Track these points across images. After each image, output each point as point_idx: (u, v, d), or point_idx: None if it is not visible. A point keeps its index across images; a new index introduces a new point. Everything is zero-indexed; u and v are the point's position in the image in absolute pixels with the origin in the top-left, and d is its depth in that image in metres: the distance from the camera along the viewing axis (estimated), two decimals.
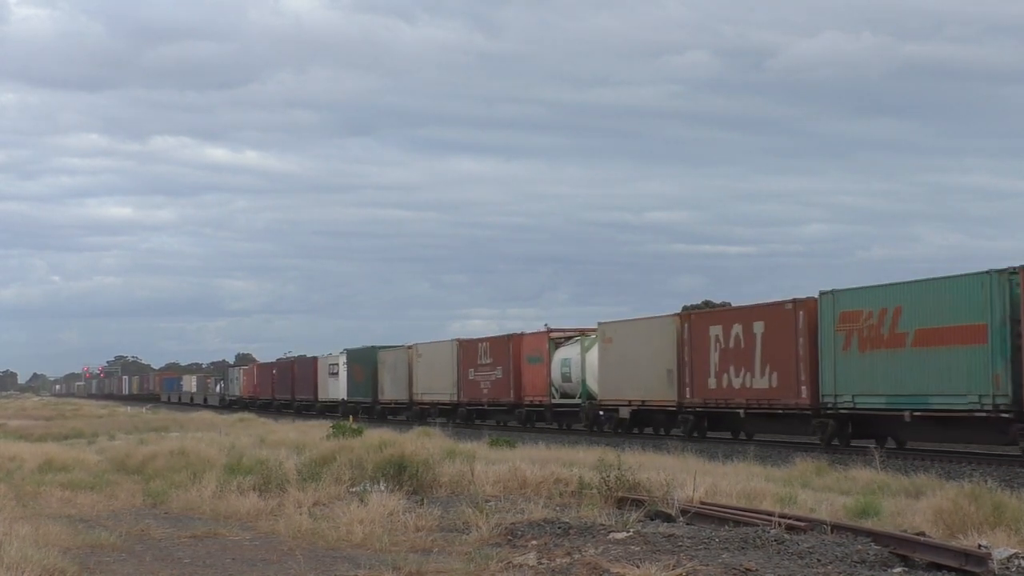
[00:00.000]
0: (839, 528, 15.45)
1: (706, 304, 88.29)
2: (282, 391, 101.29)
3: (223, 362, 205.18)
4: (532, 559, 14.51)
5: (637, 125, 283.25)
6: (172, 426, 58.12)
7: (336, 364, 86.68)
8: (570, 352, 54.65)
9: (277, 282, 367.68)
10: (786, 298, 39.69)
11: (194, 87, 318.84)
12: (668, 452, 31.47)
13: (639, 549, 14.54)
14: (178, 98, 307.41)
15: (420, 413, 69.71)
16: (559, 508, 19.48)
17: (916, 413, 33.78)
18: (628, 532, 15.68)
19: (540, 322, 65.72)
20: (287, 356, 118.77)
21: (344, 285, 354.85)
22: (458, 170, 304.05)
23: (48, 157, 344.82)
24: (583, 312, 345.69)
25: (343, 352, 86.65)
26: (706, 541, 14.82)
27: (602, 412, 50.85)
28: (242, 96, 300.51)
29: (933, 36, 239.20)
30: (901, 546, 14.00)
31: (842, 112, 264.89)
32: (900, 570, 13.36)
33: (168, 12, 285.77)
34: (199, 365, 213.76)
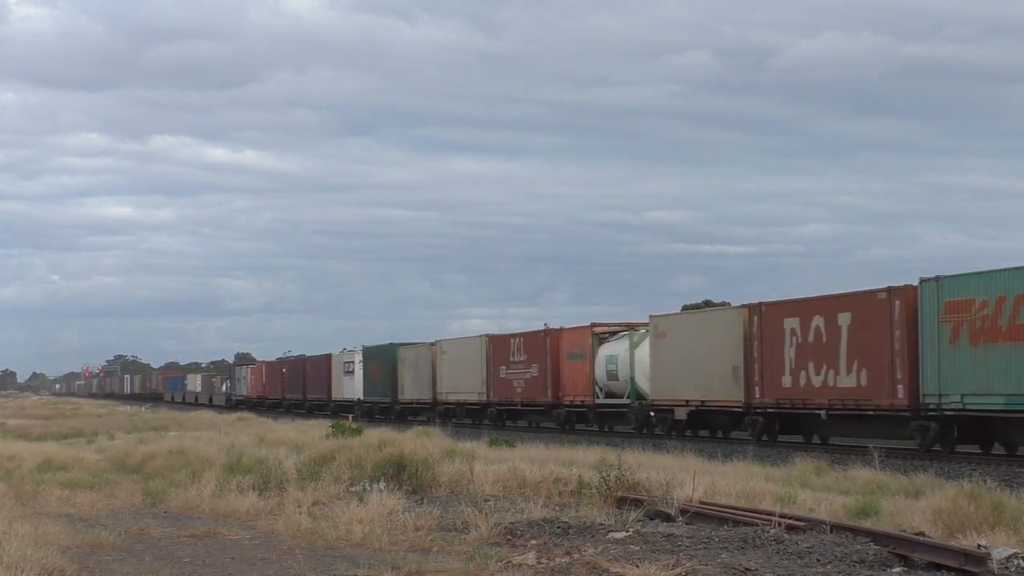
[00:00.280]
0: (838, 528, 15.45)
1: (706, 304, 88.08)
2: (293, 390, 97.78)
3: (223, 362, 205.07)
4: (531, 559, 14.51)
5: (637, 125, 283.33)
6: (171, 425, 58.13)
7: (351, 362, 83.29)
8: (617, 348, 50.48)
9: (277, 282, 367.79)
10: (879, 286, 35.71)
11: (194, 87, 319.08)
12: (667, 452, 31.47)
13: (638, 549, 14.54)
14: (178, 98, 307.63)
15: (444, 413, 66.14)
16: (558, 508, 19.48)
17: None
18: (627, 532, 15.68)
19: (540, 322, 64.08)
20: (287, 355, 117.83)
21: (344, 285, 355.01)
22: (458, 170, 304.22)
23: (48, 157, 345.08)
24: (583, 312, 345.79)
25: (359, 349, 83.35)
26: (705, 541, 14.82)
27: (653, 413, 47.27)
28: (242, 96, 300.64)
29: (933, 36, 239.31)
30: (900, 546, 14.00)
31: (842, 112, 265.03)
32: (899, 570, 13.36)
33: (168, 12, 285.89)
34: (199, 365, 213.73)
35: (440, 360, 68.35)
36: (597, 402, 51.52)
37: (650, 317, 48.03)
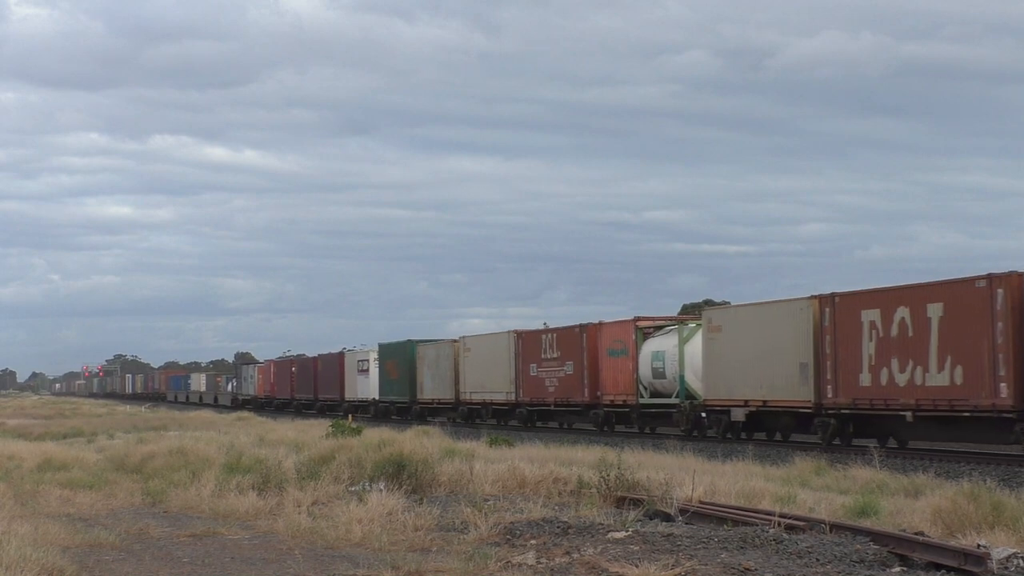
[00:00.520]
0: (838, 527, 15.45)
1: (706, 303, 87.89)
2: (303, 390, 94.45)
3: (223, 361, 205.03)
4: (531, 558, 14.51)
5: (636, 125, 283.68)
6: (171, 425, 58.14)
7: (366, 360, 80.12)
8: (664, 343, 46.74)
9: (276, 281, 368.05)
10: (977, 274, 32.20)
11: (194, 86, 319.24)
12: (667, 451, 31.47)
13: (638, 548, 14.54)
14: (178, 97, 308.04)
15: (468, 414, 63.74)
16: (558, 507, 19.48)
17: None
18: (627, 531, 15.68)
19: (539, 321, 62.03)
20: (287, 355, 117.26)
21: (343, 284, 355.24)
22: (457, 169, 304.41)
23: (48, 156, 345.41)
24: (583, 312, 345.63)
25: (374, 347, 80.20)
26: (705, 540, 14.81)
27: (705, 414, 43.83)
28: (242, 95, 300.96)
29: (932, 36, 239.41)
30: (900, 545, 14.00)
31: (841, 112, 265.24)
32: (899, 570, 13.36)
33: (168, 11, 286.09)
34: (198, 364, 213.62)
35: (464, 358, 64.99)
36: (641, 402, 47.94)
37: (703, 310, 44.68)
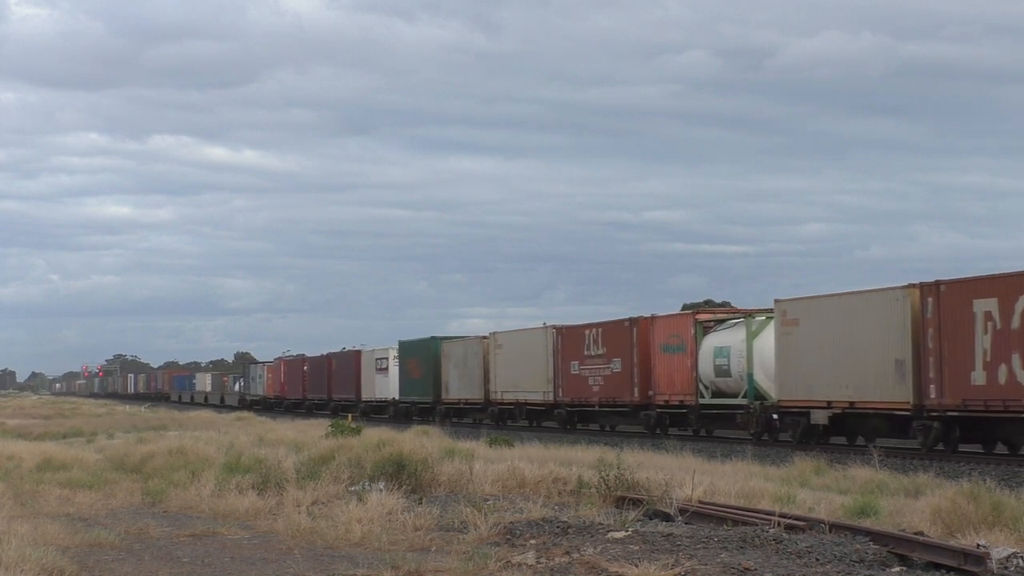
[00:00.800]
0: (837, 527, 15.45)
1: (706, 303, 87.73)
2: (316, 390, 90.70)
3: (222, 361, 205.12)
4: (531, 558, 14.51)
5: (636, 125, 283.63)
6: (170, 425, 58.13)
7: (385, 358, 76.52)
8: (729, 338, 42.91)
9: (276, 281, 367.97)
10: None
11: (194, 86, 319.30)
12: (666, 451, 31.46)
13: (638, 548, 14.54)
14: (178, 97, 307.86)
15: (499, 415, 60.09)
16: (558, 507, 19.48)
17: None
18: (627, 531, 15.68)
19: (539, 321, 61.09)
20: (286, 354, 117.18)
21: (343, 284, 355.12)
22: (457, 169, 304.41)
23: (47, 156, 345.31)
24: (582, 311, 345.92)
25: (394, 344, 76.41)
26: (705, 540, 14.82)
27: (776, 416, 40.00)
28: (242, 95, 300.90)
29: (932, 36, 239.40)
30: (899, 545, 14.01)
31: (841, 112, 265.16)
32: (898, 569, 13.36)
33: (168, 11, 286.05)
34: (198, 364, 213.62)
35: (494, 355, 61.03)
36: (701, 403, 44.04)
37: (776, 301, 40.28)
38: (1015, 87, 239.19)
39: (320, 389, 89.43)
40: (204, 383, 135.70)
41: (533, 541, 15.69)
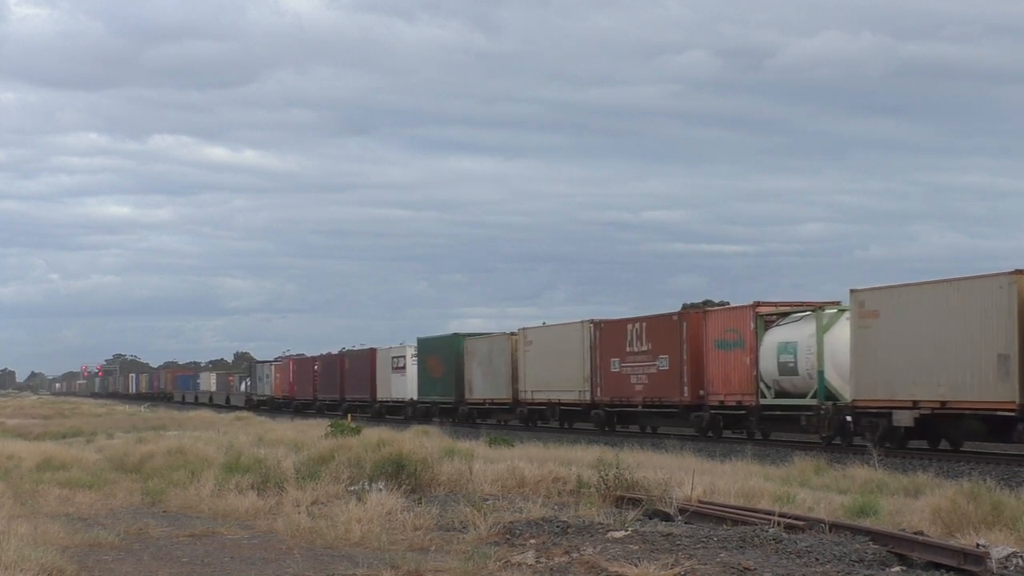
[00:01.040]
0: (837, 527, 15.46)
1: (705, 304, 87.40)
2: (327, 390, 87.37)
3: (222, 361, 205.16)
4: (530, 558, 14.52)
5: (636, 125, 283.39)
6: (170, 425, 58.16)
7: (402, 357, 73.42)
8: (795, 333, 39.55)
9: (276, 281, 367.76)
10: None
11: (194, 86, 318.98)
12: (666, 451, 31.47)
13: (637, 548, 14.55)
14: (178, 97, 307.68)
15: (528, 415, 57.32)
16: (557, 507, 19.49)
17: None
18: (626, 531, 15.69)
19: (538, 320, 58.38)
20: (286, 354, 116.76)
21: (343, 284, 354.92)
22: (457, 169, 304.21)
23: (47, 156, 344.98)
24: (582, 311, 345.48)
25: (412, 342, 73.51)
26: (704, 540, 14.82)
27: (850, 417, 36.44)
28: (242, 95, 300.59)
29: (932, 36, 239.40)
30: (899, 545, 14.01)
31: (841, 112, 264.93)
32: (898, 569, 13.36)
33: (168, 11, 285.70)
34: (197, 364, 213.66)
35: (524, 352, 57.86)
36: (763, 403, 40.69)
37: (852, 292, 36.58)
38: (1015, 87, 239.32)
39: (332, 389, 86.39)
40: (209, 383, 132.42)
41: (533, 541, 15.69)
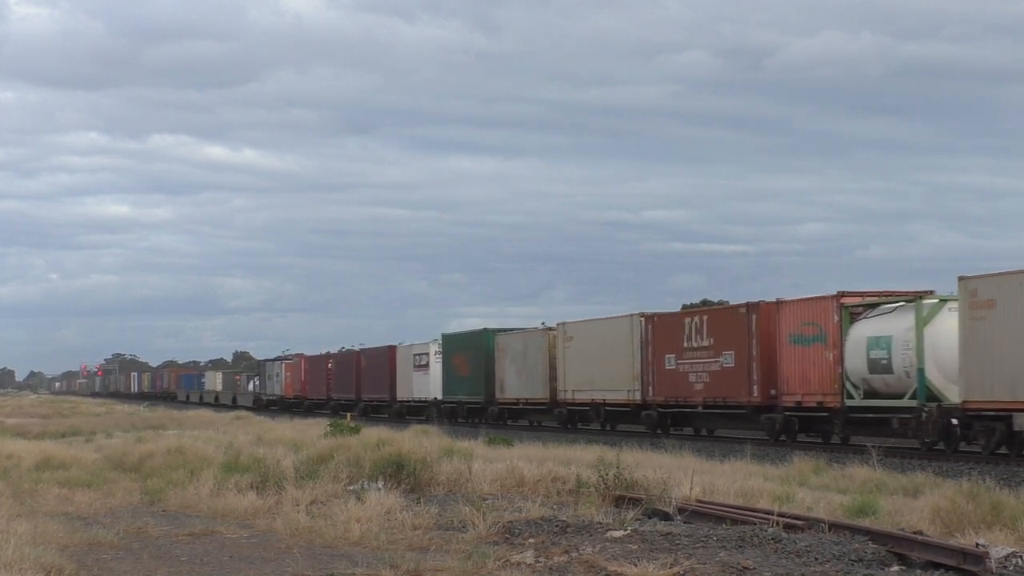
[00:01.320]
0: (836, 527, 15.46)
1: (704, 304, 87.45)
2: (342, 389, 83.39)
3: (221, 360, 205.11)
4: (530, 557, 14.51)
5: (636, 124, 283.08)
6: (169, 424, 58.13)
7: (425, 354, 69.73)
8: (888, 326, 35.52)
9: (275, 281, 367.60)
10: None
11: (194, 86, 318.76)
12: (666, 451, 31.46)
13: (637, 547, 14.55)
14: (177, 97, 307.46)
15: (568, 416, 53.48)
16: (557, 506, 19.50)
17: None
18: (626, 530, 15.69)
19: (538, 320, 55.93)
20: (285, 354, 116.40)
21: (342, 284, 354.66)
22: (457, 169, 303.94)
23: (47, 155, 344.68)
24: (582, 311, 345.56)
25: (436, 339, 69.85)
26: (703, 539, 14.82)
27: (956, 421, 32.89)
28: (241, 95, 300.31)
29: (932, 36, 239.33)
30: (899, 545, 14.01)
31: (840, 111, 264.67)
32: (897, 569, 13.36)
33: (168, 11, 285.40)
34: (197, 363, 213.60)
35: (564, 348, 53.94)
36: (849, 404, 36.78)
37: (961, 279, 32.45)
38: (1015, 87, 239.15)
39: (347, 388, 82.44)
40: (214, 382, 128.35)
41: (532, 540, 15.69)
